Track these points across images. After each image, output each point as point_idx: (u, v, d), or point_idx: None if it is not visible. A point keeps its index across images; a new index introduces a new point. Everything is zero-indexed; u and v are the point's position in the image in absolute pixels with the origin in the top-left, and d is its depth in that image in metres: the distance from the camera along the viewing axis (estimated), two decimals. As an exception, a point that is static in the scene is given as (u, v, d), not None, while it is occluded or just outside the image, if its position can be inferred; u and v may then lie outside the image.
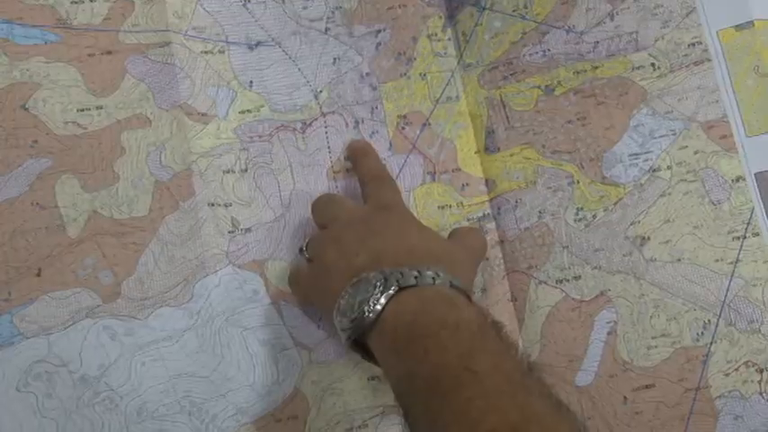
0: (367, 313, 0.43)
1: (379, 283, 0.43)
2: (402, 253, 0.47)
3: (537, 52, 0.58)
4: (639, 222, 0.55)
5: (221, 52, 0.57)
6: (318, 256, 0.50)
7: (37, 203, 0.52)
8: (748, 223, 0.54)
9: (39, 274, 0.51)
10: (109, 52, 0.55)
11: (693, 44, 0.56)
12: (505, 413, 0.37)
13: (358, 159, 0.56)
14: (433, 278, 0.44)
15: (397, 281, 0.43)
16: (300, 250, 0.52)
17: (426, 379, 0.40)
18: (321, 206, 0.53)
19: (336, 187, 0.56)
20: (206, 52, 0.57)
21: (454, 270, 0.46)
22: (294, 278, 0.53)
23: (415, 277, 0.43)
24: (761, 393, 0.52)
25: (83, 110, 0.54)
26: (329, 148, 0.57)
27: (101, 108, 0.54)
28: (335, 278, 0.47)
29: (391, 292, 0.43)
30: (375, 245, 0.47)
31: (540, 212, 0.56)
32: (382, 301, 0.42)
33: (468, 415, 0.37)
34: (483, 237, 0.56)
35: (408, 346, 0.41)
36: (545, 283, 0.55)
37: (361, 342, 0.45)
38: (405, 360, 0.41)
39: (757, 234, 0.54)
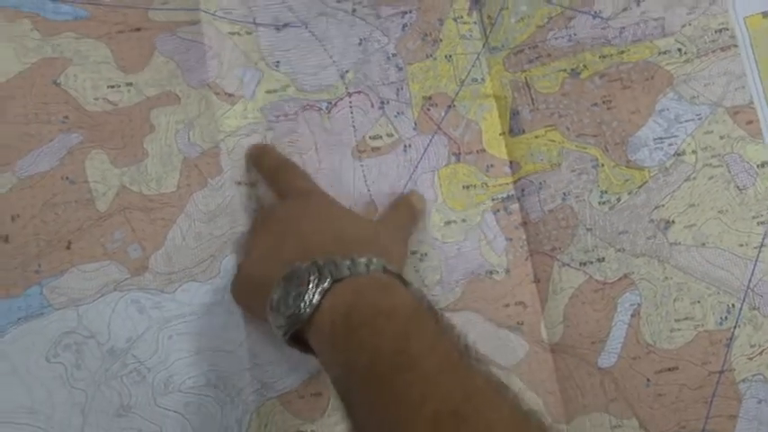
0: (303, 309, 0.41)
1: (313, 277, 0.42)
2: (330, 240, 0.46)
3: (563, 36, 0.58)
4: (664, 206, 0.55)
5: (249, 33, 0.57)
6: (246, 256, 0.50)
7: (67, 177, 0.53)
8: (773, 209, 0.54)
9: (68, 247, 0.52)
10: (138, 29, 0.56)
11: (720, 30, 0.56)
12: (446, 395, 0.36)
13: (258, 160, 0.55)
14: (366, 265, 0.43)
15: (331, 273, 0.42)
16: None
17: (364, 368, 0.39)
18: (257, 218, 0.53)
19: (362, 166, 0.57)
20: (233, 33, 0.57)
21: (385, 252, 0.46)
22: (233, 290, 0.52)
23: (349, 267, 0.42)
24: (783, 377, 0.52)
25: (113, 86, 0.55)
26: (354, 127, 0.57)
27: (130, 85, 0.55)
28: (265, 269, 0.46)
29: (326, 285, 0.41)
30: (301, 232, 0.47)
31: (564, 195, 0.56)
32: (317, 296, 0.41)
33: (408, 399, 0.36)
34: (410, 204, 0.55)
35: (345, 338, 0.40)
36: (568, 265, 0.56)
37: (297, 336, 0.43)
38: (342, 352, 0.40)
39: (782, 219, 0.54)
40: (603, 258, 0.55)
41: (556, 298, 0.56)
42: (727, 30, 0.56)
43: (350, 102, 0.58)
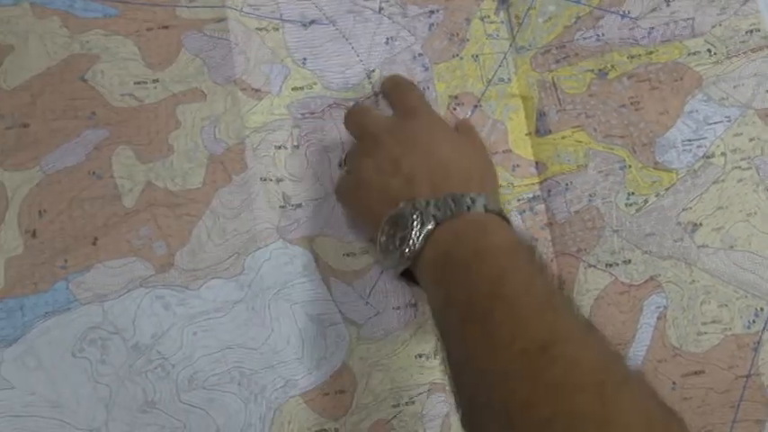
0: (407, 250, 0.45)
1: (416, 221, 0.45)
2: (435, 176, 0.48)
3: (590, 36, 0.58)
4: (692, 208, 0.55)
5: (276, 29, 0.58)
6: (355, 173, 0.52)
7: (94, 173, 0.53)
8: (802, 212, 0.54)
9: (94, 243, 0.52)
10: (166, 27, 0.56)
11: (751, 31, 0.56)
12: (534, 333, 0.38)
13: (383, 87, 0.57)
14: (468, 205, 0.45)
15: (434, 216, 0.45)
16: (339, 165, 0.54)
17: (460, 306, 0.42)
18: (353, 117, 0.54)
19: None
20: (261, 29, 0.57)
21: (484, 183, 0.49)
22: (338, 191, 0.55)
23: (450, 208, 0.45)
24: (812, 383, 0.52)
25: (139, 83, 0.55)
26: (381, 126, 0.57)
27: (157, 81, 0.55)
28: (373, 201, 0.49)
29: (429, 228, 0.45)
30: (407, 165, 0.49)
31: (590, 196, 0.56)
32: (422, 239, 0.45)
33: (499, 337, 0.39)
34: (472, 127, 0.57)
35: (444, 276, 0.44)
36: (594, 266, 0.55)
37: (406, 271, 0.47)
38: (443, 289, 0.44)
39: (811, 223, 0.53)
40: (630, 260, 0.55)
41: (581, 299, 0.55)
42: (759, 30, 0.56)
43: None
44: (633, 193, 0.56)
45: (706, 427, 0.52)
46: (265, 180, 0.55)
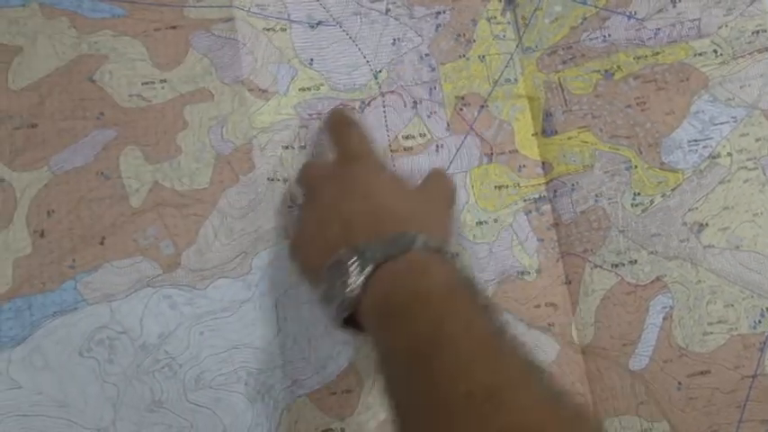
0: (347, 296, 0.43)
1: (354, 265, 0.43)
2: (373, 219, 0.47)
3: (597, 37, 0.58)
4: (697, 209, 0.55)
5: (283, 30, 0.58)
6: (298, 228, 0.51)
7: (101, 173, 0.53)
8: (808, 212, 0.54)
9: (102, 243, 0.52)
10: (174, 27, 0.56)
11: (757, 32, 0.56)
12: (479, 376, 0.37)
13: (327, 118, 0.56)
14: (407, 245, 0.44)
15: (371, 258, 0.43)
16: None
17: (402, 352, 0.40)
18: (299, 175, 0.54)
19: (394, 165, 0.57)
20: (268, 29, 0.57)
21: (427, 225, 0.47)
22: (289, 252, 0.53)
23: (388, 249, 0.43)
24: (818, 383, 0.52)
25: (147, 83, 0.55)
26: (387, 127, 0.57)
27: (164, 81, 0.55)
28: (315, 253, 0.47)
29: (368, 271, 0.43)
30: (347, 211, 0.47)
31: (596, 196, 0.56)
32: (360, 283, 0.43)
33: (443, 381, 0.37)
34: (451, 180, 0.54)
35: (386, 321, 0.42)
36: (600, 266, 0.55)
37: (351, 319, 0.45)
38: (383, 335, 0.42)
39: (817, 223, 0.53)
40: (636, 260, 0.55)
41: (587, 300, 0.55)
42: (765, 31, 0.56)
43: (383, 101, 0.58)
44: (639, 194, 0.56)
45: (712, 427, 0.52)
46: (272, 180, 0.55)
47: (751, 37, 0.56)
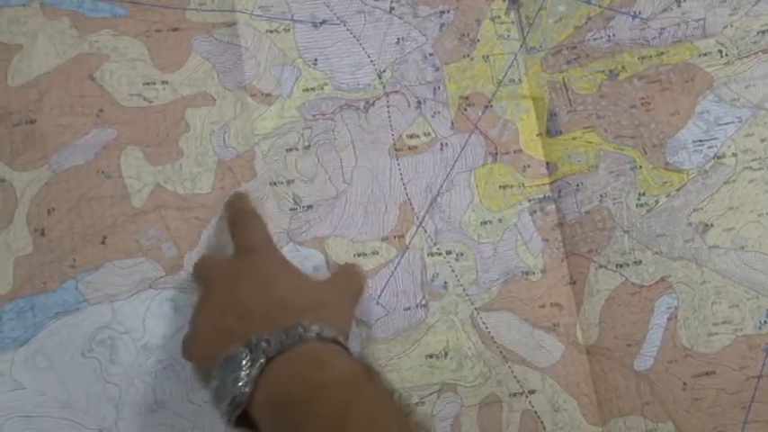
0: (240, 393, 0.41)
1: (246, 360, 0.41)
2: (268, 310, 0.45)
3: (601, 37, 0.58)
4: (702, 209, 0.55)
5: (287, 30, 0.57)
6: (193, 323, 0.48)
7: (102, 172, 0.53)
8: (813, 213, 0.54)
9: (103, 242, 0.52)
10: (175, 29, 0.56)
11: (763, 32, 0.56)
12: None
13: (226, 207, 0.54)
14: (300, 336, 0.42)
15: (264, 351, 0.41)
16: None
17: None
18: (194, 270, 0.52)
19: (398, 164, 0.56)
20: (271, 31, 0.57)
21: (325, 315, 0.45)
22: (182, 349, 0.49)
23: (281, 341, 0.42)
24: (823, 384, 0.52)
25: (148, 83, 0.55)
26: (391, 126, 0.57)
27: (166, 83, 0.55)
28: (208, 347, 0.45)
29: (260, 364, 0.41)
30: (242, 304, 0.46)
31: (601, 197, 0.56)
32: (252, 377, 0.41)
33: None
34: (360, 273, 0.53)
35: (282, 416, 0.40)
36: (605, 267, 0.55)
37: (245, 417, 0.42)
38: (279, 429, 0.40)
39: (822, 224, 0.53)
40: (640, 261, 0.55)
41: (592, 300, 0.55)
42: (770, 32, 0.56)
43: (387, 101, 0.57)
44: (644, 194, 0.56)
45: (717, 427, 0.52)
46: (275, 184, 0.55)
47: (756, 37, 0.56)
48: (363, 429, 0.38)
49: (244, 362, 0.41)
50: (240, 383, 0.41)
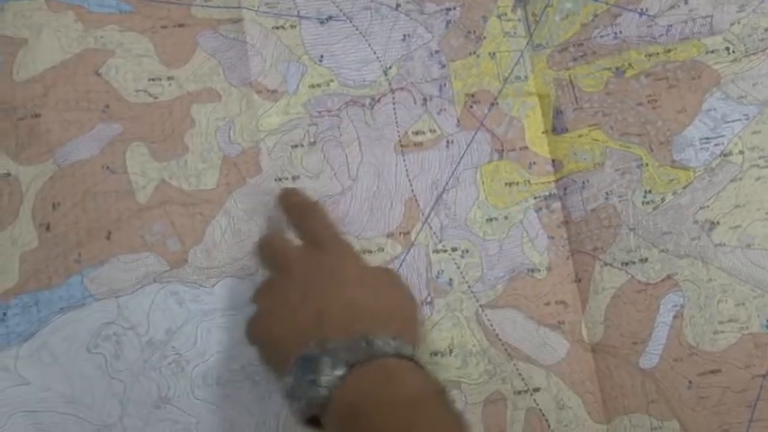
0: (316, 396, 0.42)
1: (325, 365, 0.42)
2: (347, 313, 0.46)
3: (608, 34, 0.58)
4: (709, 207, 0.55)
5: (293, 27, 0.57)
6: (263, 308, 0.49)
7: (107, 167, 0.53)
8: (820, 211, 0.53)
9: (108, 237, 0.52)
10: (181, 25, 0.56)
11: (770, 29, 0.56)
12: None
13: (285, 201, 0.54)
14: (381, 350, 0.43)
15: (344, 360, 0.42)
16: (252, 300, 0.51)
17: None
18: (262, 248, 0.52)
19: (404, 161, 0.56)
20: (277, 27, 0.57)
21: (399, 323, 0.46)
22: (248, 330, 0.50)
23: (364, 350, 0.42)
24: (829, 383, 0.52)
25: (154, 79, 0.55)
26: (397, 123, 0.57)
27: (171, 79, 0.55)
28: (281, 337, 0.46)
29: (340, 374, 0.42)
30: (317, 299, 0.46)
31: (607, 194, 0.56)
32: (330, 385, 0.41)
33: None
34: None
35: (351, 427, 0.41)
36: (610, 264, 0.55)
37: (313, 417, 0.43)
38: None
39: (829, 222, 0.53)
40: (646, 259, 0.55)
41: (597, 298, 0.55)
42: (777, 29, 0.56)
43: (393, 98, 0.57)
44: (650, 192, 0.55)
45: (722, 426, 0.52)
46: (281, 180, 0.55)
47: (764, 34, 0.56)
48: None
49: (322, 366, 0.42)
50: (318, 388, 0.41)
